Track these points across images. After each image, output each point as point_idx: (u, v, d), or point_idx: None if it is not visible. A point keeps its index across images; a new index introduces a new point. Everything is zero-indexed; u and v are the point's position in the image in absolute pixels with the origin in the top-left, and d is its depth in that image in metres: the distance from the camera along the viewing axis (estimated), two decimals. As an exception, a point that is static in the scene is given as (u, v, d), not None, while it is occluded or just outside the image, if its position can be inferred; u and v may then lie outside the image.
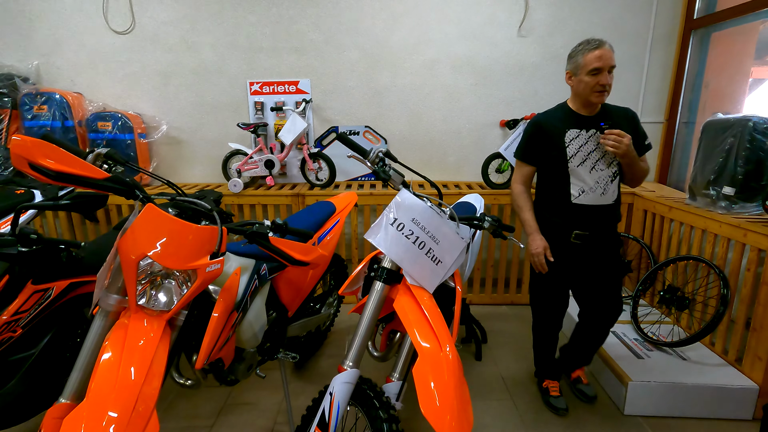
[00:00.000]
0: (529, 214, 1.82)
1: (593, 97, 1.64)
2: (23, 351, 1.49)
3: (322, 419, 1.17)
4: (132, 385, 0.97)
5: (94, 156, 1.28)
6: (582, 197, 1.73)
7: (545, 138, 1.75)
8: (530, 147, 1.80)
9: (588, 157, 1.71)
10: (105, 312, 1.11)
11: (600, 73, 1.59)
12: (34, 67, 3.00)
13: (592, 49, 1.59)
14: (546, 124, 1.75)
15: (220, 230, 1.18)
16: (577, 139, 1.71)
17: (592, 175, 1.71)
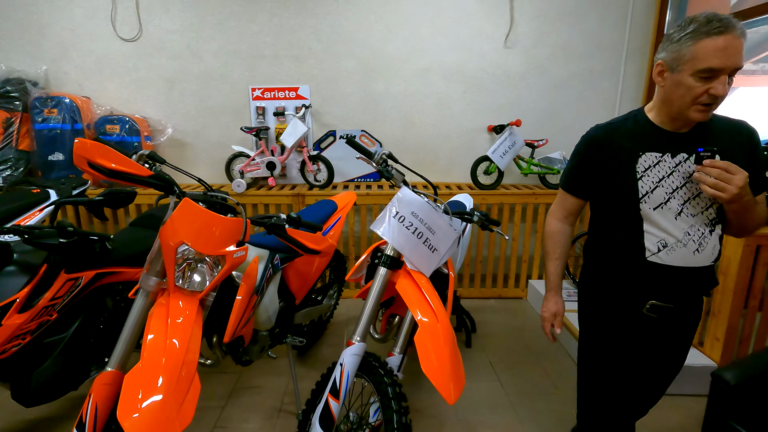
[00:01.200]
0: (555, 264, 1.33)
1: (693, 112, 1.06)
2: (57, 334, 1.63)
3: (334, 387, 1.34)
4: (177, 353, 1.13)
5: (138, 156, 1.44)
6: (663, 254, 1.15)
7: (605, 162, 1.18)
8: (580, 173, 1.25)
9: (673, 195, 1.13)
10: (145, 292, 1.27)
11: (716, 77, 1.00)
12: (43, 72, 3.12)
13: (712, 34, 0.98)
14: (607, 143, 1.18)
15: (245, 222, 1.35)
16: (657, 167, 1.13)
17: (678, 223, 1.13)
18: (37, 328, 1.52)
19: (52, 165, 2.99)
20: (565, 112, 3.30)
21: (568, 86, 3.26)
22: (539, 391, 2.16)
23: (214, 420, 1.94)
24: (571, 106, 3.29)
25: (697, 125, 1.14)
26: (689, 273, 1.15)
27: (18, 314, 1.41)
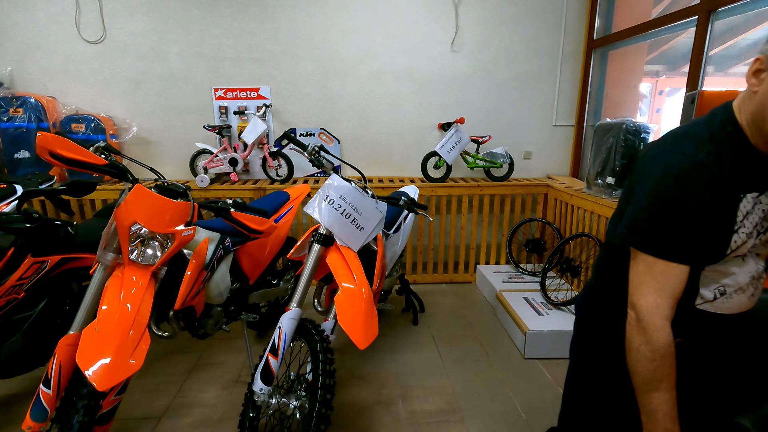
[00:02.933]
0: (669, 397, 0.87)
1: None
2: (24, 312, 1.79)
3: (273, 346, 1.56)
4: (129, 315, 1.33)
5: (95, 148, 1.62)
6: (719, 302, 0.93)
7: (717, 207, 0.84)
8: (693, 226, 0.84)
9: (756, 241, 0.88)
10: (103, 266, 1.46)
11: None
12: (8, 72, 3.22)
13: None
14: (721, 177, 0.82)
15: (192, 205, 1.56)
16: (754, 212, 0.86)
17: (745, 267, 0.90)
18: (5, 305, 1.69)
19: (19, 162, 3.09)
20: (508, 110, 3.59)
21: (509, 87, 3.55)
22: (472, 359, 2.42)
23: (175, 392, 2.13)
24: (512, 105, 3.58)
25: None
26: (733, 319, 0.94)
27: (-13, 291, 1.58)
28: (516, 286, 3.06)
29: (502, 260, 3.62)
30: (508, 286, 3.07)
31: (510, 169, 3.46)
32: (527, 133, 3.66)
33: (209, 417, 1.95)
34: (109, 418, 1.48)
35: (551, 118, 3.65)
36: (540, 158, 3.71)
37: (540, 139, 3.68)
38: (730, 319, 0.94)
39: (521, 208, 3.57)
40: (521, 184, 3.42)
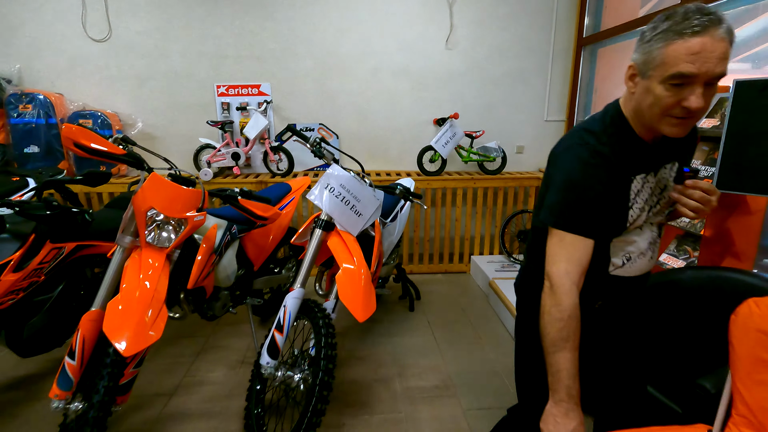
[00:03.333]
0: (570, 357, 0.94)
1: (665, 126, 0.91)
2: (44, 294, 1.91)
3: (278, 323, 1.68)
4: (148, 292, 1.46)
5: (113, 139, 1.73)
6: (627, 267, 1.08)
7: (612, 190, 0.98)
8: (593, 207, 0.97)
9: (648, 215, 1.05)
10: (122, 249, 1.58)
11: (689, 85, 0.85)
12: (16, 70, 3.32)
13: (686, 34, 0.82)
14: (606, 170, 0.96)
15: (203, 193, 1.68)
16: (643, 190, 1.01)
17: (643, 236, 1.07)
18: (28, 287, 1.80)
19: (28, 157, 3.20)
20: (501, 106, 3.72)
21: (502, 83, 3.68)
22: (465, 341, 2.55)
23: (185, 371, 2.26)
24: (505, 101, 3.71)
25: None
26: (638, 280, 1.12)
27: (13, 273, 1.69)
28: (508, 275, 3.19)
29: (495, 251, 3.75)
30: (500, 274, 3.20)
31: (503, 162, 3.58)
32: (519, 128, 3.79)
33: (217, 393, 2.08)
34: (127, 389, 1.61)
35: (543, 114, 3.78)
36: (532, 152, 3.84)
37: (532, 133, 3.81)
38: (636, 280, 1.11)
39: (513, 200, 3.70)
40: (513, 177, 3.55)
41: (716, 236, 1.98)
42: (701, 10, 0.82)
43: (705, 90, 0.84)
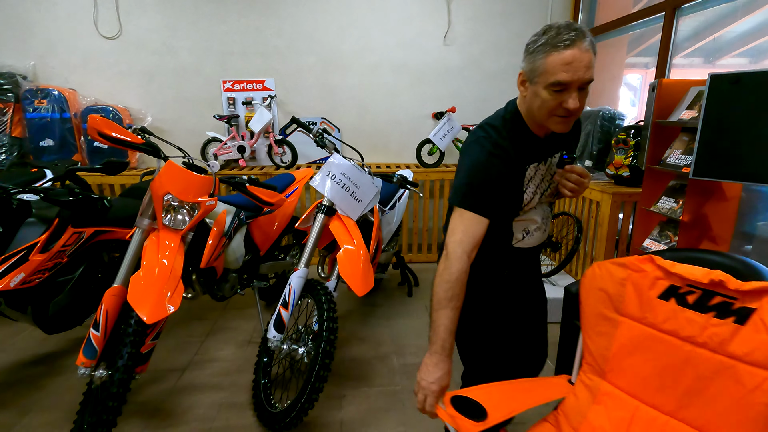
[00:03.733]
0: (451, 315, 1.07)
1: (552, 123, 1.07)
2: (67, 275, 2.06)
3: (284, 301, 1.82)
4: (166, 268, 1.60)
5: (133, 130, 1.87)
6: (526, 239, 1.28)
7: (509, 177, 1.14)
8: (491, 190, 1.12)
9: (540, 197, 1.25)
10: (141, 230, 1.73)
11: (566, 90, 1.01)
12: (31, 66, 3.47)
13: (559, 48, 0.97)
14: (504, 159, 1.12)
15: (215, 179, 1.81)
16: (535, 176, 1.20)
17: (538, 212, 1.27)
18: (52, 268, 1.95)
19: (43, 150, 3.35)
20: (497, 100, 3.82)
21: (499, 78, 3.79)
22: (460, 323, 2.69)
23: (196, 350, 2.40)
24: (501, 95, 3.82)
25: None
26: (534, 250, 1.34)
27: (39, 254, 1.84)
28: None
29: (492, 241, 3.87)
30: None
31: (499, 155, 3.70)
32: (516, 122, 3.90)
33: (227, 369, 2.22)
34: (146, 359, 1.75)
35: (538, 108, 3.89)
36: (528, 145, 3.96)
37: (528, 127, 3.92)
38: (533, 249, 1.33)
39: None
40: (509, 169, 3.66)
41: (694, 221, 2.10)
42: (570, 26, 0.98)
43: (579, 93, 1.02)
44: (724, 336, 0.97)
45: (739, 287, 0.96)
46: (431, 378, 1.04)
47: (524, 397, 1.10)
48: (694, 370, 1.01)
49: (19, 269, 1.77)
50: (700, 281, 1.02)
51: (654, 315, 1.08)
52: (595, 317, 1.18)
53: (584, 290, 1.20)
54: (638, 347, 1.10)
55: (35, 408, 1.94)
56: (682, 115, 2.15)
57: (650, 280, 1.09)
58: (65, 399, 1.99)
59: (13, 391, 2.05)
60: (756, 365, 0.93)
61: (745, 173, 1.80)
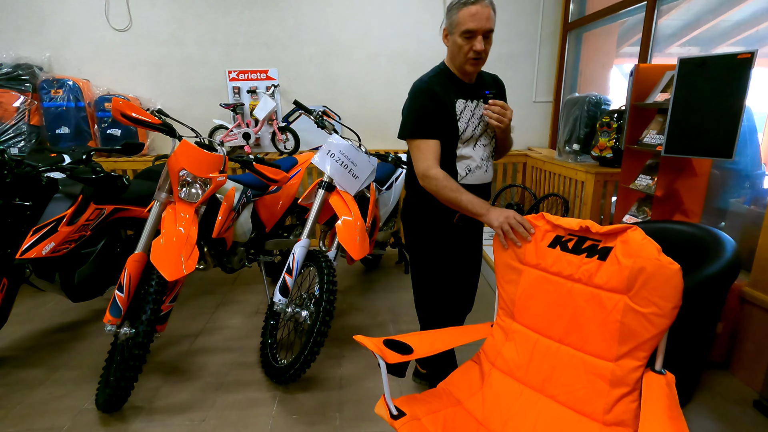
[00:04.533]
0: (467, 194, 1.41)
1: (467, 65, 1.40)
2: (90, 247, 2.25)
3: (288, 268, 2.01)
4: (183, 235, 1.78)
5: (150, 111, 2.04)
6: (469, 176, 1.50)
7: (441, 107, 1.42)
8: (429, 118, 1.43)
9: (475, 131, 1.48)
10: (159, 203, 1.91)
11: (474, 37, 1.33)
12: (46, 58, 3.64)
13: (467, 4, 1.30)
14: (436, 91, 1.42)
15: (224, 157, 1.99)
16: (466, 110, 1.46)
17: (476, 152, 1.50)
18: (78, 240, 2.14)
19: (60, 137, 3.54)
20: (491, 88, 3.98)
21: (493, 67, 3.87)
22: (453, 296, 2.87)
23: (207, 319, 2.60)
24: (495, 84, 3.96)
25: (477, 78, 1.53)
26: (481, 188, 1.55)
27: (67, 226, 2.03)
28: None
29: (486, 223, 4.04)
30: (490, 242, 3.50)
31: (493, 141, 3.85)
32: (510, 109, 4.05)
33: (236, 335, 2.42)
34: (165, 319, 1.95)
35: (531, 95, 4.04)
36: (522, 132, 4.11)
37: (521, 114, 4.07)
38: (479, 188, 1.55)
39: (503, 175, 3.99)
40: (503, 154, 3.82)
41: (666, 196, 2.26)
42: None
43: (484, 40, 1.36)
44: (592, 271, 1.21)
45: (599, 230, 1.22)
46: (496, 219, 1.35)
47: (448, 339, 1.29)
48: (573, 302, 1.25)
49: (49, 239, 1.96)
50: (573, 229, 1.27)
51: (545, 261, 1.31)
52: (505, 268, 1.40)
53: (495, 245, 1.41)
54: (536, 289, 1.33)
55: (63, 367, 2.14)
56: (657, 97, 2.30)
57: (542, 233, 1.33)
58: (90, 359, 2.19)
59: (43, 353, 2.25)
60: (612, 291, 1.17)
61: (709, 149, 1.96)
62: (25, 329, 2.49)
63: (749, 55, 1.80)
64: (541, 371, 1.28)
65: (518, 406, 1.26)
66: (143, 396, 1.91)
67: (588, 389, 1.18)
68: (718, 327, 2.03)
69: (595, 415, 1.15)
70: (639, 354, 1.11)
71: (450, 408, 1.25)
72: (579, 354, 1.22)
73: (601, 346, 1.18)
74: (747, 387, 1.95)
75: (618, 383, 1.13)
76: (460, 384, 1.33)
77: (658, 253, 1.09)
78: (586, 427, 1.15)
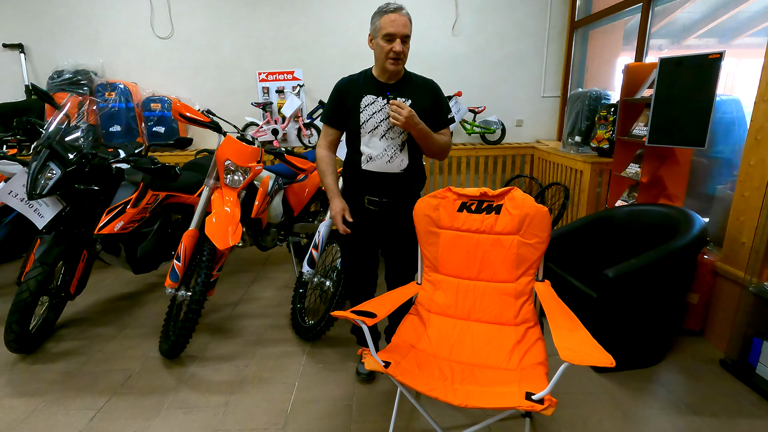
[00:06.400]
0: (331, 179, 1.79)
1: (388, 64, 1.61)
2: (149, 227, 2.66)
3: (315, 243, 2.36)
4: (229, 214, 2.16)
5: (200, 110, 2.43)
6: (370, 164, 1.73)
7: (344, 102, 1.72)
8: (334, 110, 1.76)
9: (380, 124, 1.68)
10: (208, 187, 2.29)
11: (393, 39, 1.57)
12: (100, 64, 4.11)
13: (387, 12, 1.56)
14: (346, 88, 1.73)
15: (261, 150, 2.36)
16: (372, 105, 1.68)
17: (381, 143, 1.70)
18: (139, 220, 2.55)
19: (112, 134, 4.00)
20: (501, 85, 4.23)
21: (502, 65, 4.19)
22: (460, 275, 3.18)
23: (244, 292, 2.99)
24: (505, 80, 4.22)
25: (403, 79, 1.73)
26: (386, 177, 1.75)
27: (132, 208, 2.43)
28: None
29: (496, 212, 4.31)
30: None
31: (502, 134, 4.12)
32: (519, 104, 4.30)
33: (269, 304, 2.80)
34: (213, 285, 2.33)
35: (539, 91, 4.27)
36: (530, 125, 4.35)
37: (530, 108, 4.31)
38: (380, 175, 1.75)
39: (512, 166, 4.24)
40: (511, 146, 4.08)
41: (651, 182, 2.51)
42: (395, 3, 1.62)
43: (403, 43, 1.60)
44: (492, 223, 1.68)
45: (493, 194, 1.67)
46: (333, 209, 1.79)
47: (393, 300, 1.57)
48: (481, 248, 1.70)
49: (119, 218, 2.37)
50: (474, 195, 1.69)
51: (457, 222, 1.72)
52: (426, 234, 1.76)
53: (416, 218, 1.76)
54: (452, 245, 1.73)
55: (129, 326, 2.56)
56: (644, 93, 2.54)
57: (451, 201, 1.72)
58: (150, 321, 2.61)
59: (112, 316, 2.69)
60: (508, 234, 1.65)
61: (685, 139, 2.20)
62: (94, 297, 2.94)
63: (718, 55, 2.03)
64: (465, 304, 1.70)
65: (456, 334, 1.64)
66: (196, 348, 2.31)
67: (501, 305, 1.66)
68: (694, 298, 2.28)
69: (509, 321, 1.64)
70: (530, 271, 1.63)
71: (411, 352, 1.54)
72: (491, 284, 1.69)
73: (505, 273, 1.67)
74: (717, 350, 2.20)
75: (519, 295, 1.64)
76: (408, 333, 1.64)
77: (534, 202, 1.60)
78: (505, 331, 1.63)
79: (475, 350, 1.57)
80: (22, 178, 2.34)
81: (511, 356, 1.52)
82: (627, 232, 2.31)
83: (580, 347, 1.17)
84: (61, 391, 1.99)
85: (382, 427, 1.73)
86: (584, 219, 2.45)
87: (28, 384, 2.04)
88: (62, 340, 2.42)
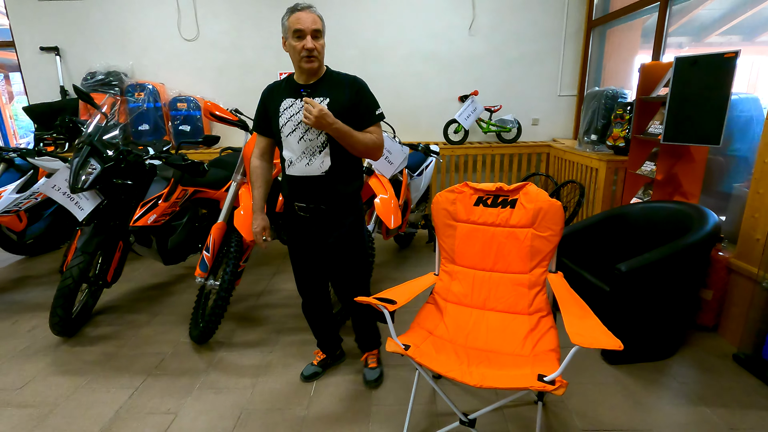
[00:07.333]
0: (258, 192, 1.79)
1: (303, 63, 1.56)
2: (178, 220, 2.81)
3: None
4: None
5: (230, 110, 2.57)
6: (291, 168, 1.68)
7: (268, 109, 1.71)
8: (259, 119, 1.75)
9: (297, 126, 1.62)
10: (235, 182, 2.42)
11: (303, 37, 1.53)
12: (130, 66, 4.29)
13: (295, 11, 1.54)
14: (269, 95, 1.72)
15: (285, 147, 2.47)
16: (291, 108, 1.63)
17: (300, 145, 1.64)
18: (170, 213, 2.69)
19: (141, 133, 4.18)
20: (517, 84, 4.28)
21: (519, 64, 4.23)
22: (475, 270, 3.25)
23: (267, 283, 3.12)
24: (521, 80, 4.26)
25: (323, 78, 1.65)
26: (308, 181, 1.67)
27: (164, 201, 2.58)
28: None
29: (511, 209, 4.36)
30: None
31: (518, 132, 4.16)
32: (535, 103, 4.33)
33: (291, 295, 2.92)
34: (240, 275, 2.45)
35: (556, 90, 4.30)
36: (547, 124, 4.38)
37: (546, 107, 4.34)
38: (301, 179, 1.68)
39: (527, 164, 4.29)
40: (527, 145, 4.13)
41: (666, 180, 2.54)
42: (303, 2, 1.59)
43: (314, 40, 1.55)
44: (507, 216, 1.75)
45: (508, 189, 1.74)
46: (256, 225, 1.81)
47: (413, 289, 1.66)
48: (496, 240, 1.77)
49: (152, 211, 2.51)
50: (490, 190, 1.78)
51: (473, 216, 1.80)
52: (443, 227, 1.85)
53: (434, 212, 1.86)
54: (469, 237, 1.81)
55: (161, 313, 2.71)
56: (660, 91, 2.57)
57: (468, 196, 1.81)
58: (180, 309, 2.76)
59: (144, 304, 2.85)
60: (522, 227, 1.73)
61: (700, 136, 2.24)
62: (127, 287, 3.10)
63: (734, 54, 2.07)
64: (481, 294, 1.79)
65: (472, 322, 1.73)
66: (224, 335, 2.44)
67: (515, 296, 1.73)
68: (708, 294, 2.31)
69: (523, 311, 1.71)
70: (543, 263, 1.71)
71: (428, 338, 1.64)
72: (505, 275, 1.77)
73: (519, 265, 1.75)
74: (730, 345, 2.23)
75: (533, 285, 1.71)
76: (426, 321, 1.74)
77: (547, 196, 1.67)
78: (519, 319, 1.70)
79: (489, 337, 1.65)
80: (65, 173, 2.50)
81: (525, 343, 1.59)
82: (641, 229, 2.35)
83: (590, 332, 1.25)
84: (101, 371, 2.14)
85: (401, 410, 1.82)
86: (598, 216, 2.50)
87: (71, 364, 2.20)
88: (99, 325, 2.58)
